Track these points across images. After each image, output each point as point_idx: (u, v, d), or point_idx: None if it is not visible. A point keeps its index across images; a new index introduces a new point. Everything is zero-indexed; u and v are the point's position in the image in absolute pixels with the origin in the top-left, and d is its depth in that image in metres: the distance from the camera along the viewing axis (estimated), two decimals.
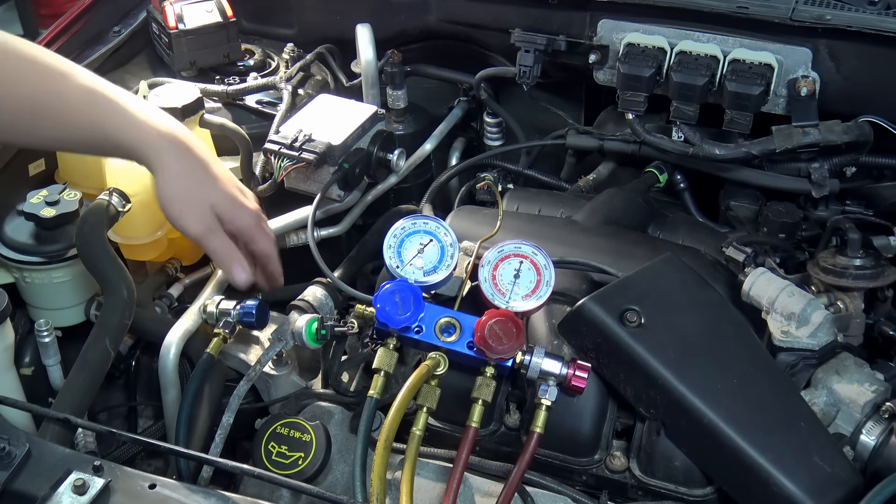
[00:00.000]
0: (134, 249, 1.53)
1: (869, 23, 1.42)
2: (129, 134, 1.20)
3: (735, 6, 1.49)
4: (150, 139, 1.20)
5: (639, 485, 1.23)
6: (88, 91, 1.20)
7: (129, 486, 1.03)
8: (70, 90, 1.19)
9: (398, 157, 1.61)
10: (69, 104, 1.19)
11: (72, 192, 1.46)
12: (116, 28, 1.86)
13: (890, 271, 1.31)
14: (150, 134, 1.20)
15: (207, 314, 1.40)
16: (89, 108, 1.19)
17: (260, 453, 1.22)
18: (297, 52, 1.91)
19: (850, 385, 1.20)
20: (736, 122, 1.48)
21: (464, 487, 1.20)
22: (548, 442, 1.22)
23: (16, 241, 1.43)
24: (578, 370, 1.17)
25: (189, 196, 1.21)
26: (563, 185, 1.78)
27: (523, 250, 1.23)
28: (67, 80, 1.19)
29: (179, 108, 1.51)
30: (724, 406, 1.14)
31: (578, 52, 1.63)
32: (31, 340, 1.44)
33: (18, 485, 1.03)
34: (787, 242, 1.49)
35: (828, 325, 1.24)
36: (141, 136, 1.20)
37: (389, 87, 1.84)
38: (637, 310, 1.21)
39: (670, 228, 1.55)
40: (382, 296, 1.19)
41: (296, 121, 1.56)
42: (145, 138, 1.20)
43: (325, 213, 1.62)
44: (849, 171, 1.52)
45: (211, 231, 1.23)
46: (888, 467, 1.13)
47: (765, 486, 1.10)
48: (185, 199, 1.21)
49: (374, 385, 1.20)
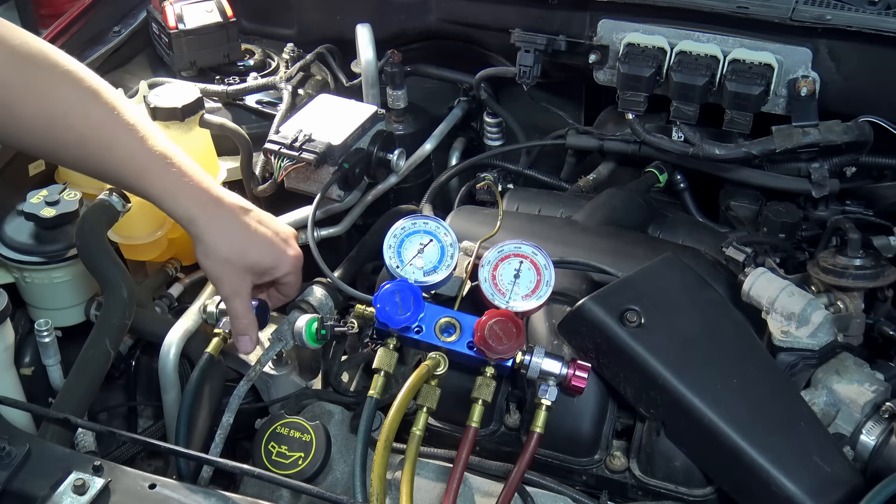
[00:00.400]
0: (134, 249, 1.53)
1: (869, 23, 1.42)
2: (166, 193, 1.20)
3: (735, 6, 1.49)
4: (186, 203, 1.20)
5: (639, 485, 1.23)
6: (135, 153, 1.18)
7: (129, 486, 1.03)
8: (116, 146, 1.18)
9: (398, 157, 1.61)
10: (114, 161, 1.19)
11: (72, 192, 1.46)
12: (116, 28, 1.86)
13: (890, 271, 1.31)
14: (187, 198, 1.20)
15: (207, 314, 1.39)
16: (134, 168, 1.19)
17: (260, 453, 1.22)
18: (297, 52, 1.92)
19: (850, 385, 1.20)
20: (736, 122, 1.48)
21: (464, 487, 1.20)
22: (548, 442, 1.22)
23: (16, 241, 1.43)
24: (578, 370, 1.17)
25: (222, 262, 1.23)
26: (563, 185, 1.78)
27: (523, 250, 1.23)
28: (115, 136, 1.18)
29: (179, 108, 1.51)
30: (724, 406, 1.14)
31: (578, 52, 1.63)
32: (31, 340, 1.44)
33: (18, 485, 1.03)
34: (787, 242, 1.49)
35: (828, 325, 1.24)
36: (178, 197, 1.20)
37: (389, 87, 1.84)
38: (637, 310, 1.21)
39: (670, 228, 1.55)
40: (382, 296, 1.19)
41: (296, 121, 1.56)
42: (181, 201, 1.20)
43: (325, 213, 1.62)
44: (849, 171, 1.52)
45: (237, 295, 1.26)
46: (888, 467, 1.13)
47: (765, 486, 1.10)
48: (219, 266, 1.23)
49: (374, 385, 1.20)
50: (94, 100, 1.16)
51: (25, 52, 1.13)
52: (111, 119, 1.17)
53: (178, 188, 1.20)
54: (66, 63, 1.16)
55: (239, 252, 1.23)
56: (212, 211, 1.22)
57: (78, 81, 1.16)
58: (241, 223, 1.24)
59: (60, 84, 1.15)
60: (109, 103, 1.17)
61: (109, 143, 1.17)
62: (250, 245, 1.24)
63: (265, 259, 1.26)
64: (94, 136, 1.17)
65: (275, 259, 1.27)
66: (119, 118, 1.17)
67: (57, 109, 1.15)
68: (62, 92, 1.15)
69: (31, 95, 1.13)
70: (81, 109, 1.16)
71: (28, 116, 1.14)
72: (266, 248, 1.26)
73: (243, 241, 1.24)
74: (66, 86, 1.15)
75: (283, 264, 1.28)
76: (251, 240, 1.25)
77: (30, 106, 1.13)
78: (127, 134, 1.17)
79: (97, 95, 1.17)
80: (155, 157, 1.19)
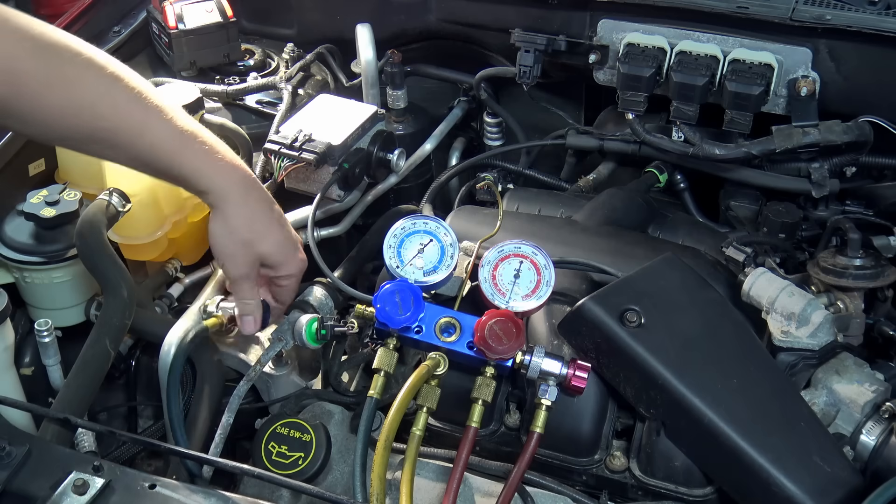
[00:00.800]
0: (134, 249, 1.53)
1: (869, 23, 1.42)
2: (199, 171, 1.21)
3: (735, 6, 1.49)
4: (218, 179, 1.21)
5: (639, 485, 1.23)
6: (166, 135, 1.19)
7: (129, 486, 1.03)
8: (147, 131, 1.18)
9: (398, 157, 1.61)
10: (145, 145, 1.19)
11: (72, 192, 1.46)
12: (116, 28, 1.86)
13: (890, 271, 1.31)
14: (220, 174, 1.22)
15: (207, 314, 1.39)
16: (166, 150, 1.19)
17: (260, 453, 1.22)
18: (297, 52, 1.92)
19: (850, 385, 1.20)
20: (736, 122, 1.48)
21: (464, 487, 1.20)
22: (548, 442, 1.22)
23: (16, 241, 1.43)
24: (578, 370, 1.17)
25: (239, 242, 1.25)
26: (563, 185, 1.78)
27: (523, 250, 1.23)
28: (145, 120, 1.18)
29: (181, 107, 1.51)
30: (724, 406, 1.14)
31: (578, 52, 1.63)
32: (31, 340, 1.44)
33: (18, 485, 1.03)
34: (787, 242, 1.49)
35: (828, 325, 1.24)
36: (210, 173, 1.21)
37: (389, 87, 1.84)
38: (637, 310, 1.21)
39: (670, 228, 1.55)
40: (382, 296, 1.19)
41: (296, 121, 1.56)
42: (214, 177, 1.21)
43: (325, 213, 1.62)
44: (849, 171, 1.52)
45: (246, 279, 1.28)
46: (888, 467, 1.13)
47: (765, 487, 1.10)
48: (235, 245, 1.25)
49: (374, 385, 1.20)
50: (120, 86, 1.16)
51: (48, 43, 1.13)
52: (139, 104, 1.17)
53: (212, 164, 1.21)
54: (88, 51, 1.16)
55: (257, 237, 1.25)
56: (243, 190, 1.23)
57: (101, 68, 1.16)
58: (266, 211, 1.27)
59: (85, 73, 1.14)
60: (135, 88, 1.18)
61: (140, 128, 1.17)
62: (268, 235, 1.27)
63: (277, 253, 1.28)
64: (125, 123, 1.17)
65: (284, 256, 1.29)
66: (147, 102, 1.18)
67: (84, 99, 1.14)
68: (88, 81, 1.14)
69: (57, 86, 1.13)
70: (109, 97, 1.16)
71: (56, 106, 1.14)
72: (280, 243, 1.29)
73: (263, 228, 1.26)
74: (91, 74, 1.15)
75: (290, 264, 1.31)
76: (270, 230, 1.27)
77: (57, 96, 1.13)
78: (156, 117, 1.18)
79: (122, 81, 1.17)
80: (186, 137, 1.19)
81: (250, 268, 1.27)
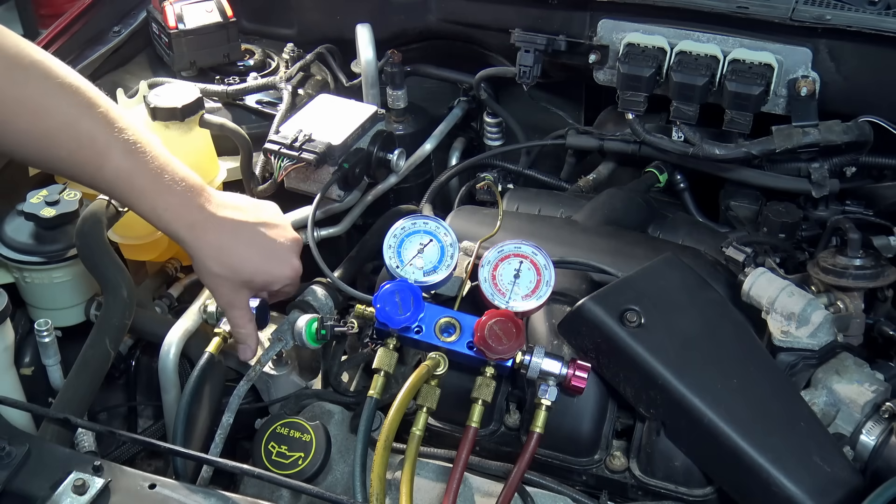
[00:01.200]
0: (134, 249, 1.53)
1: (869, 23, 1.42)
2: (154, 213, 1.20)
3: (735, 6, 1.49)
4: (179, 228, 1.21)
5: (639, 485, 1.23)
6: (125, 172, 1.17)
7: (129, 486, 1.03)
8: (106, 164, 1.16)
9: (398, 157, 1.61)
10: (104, 178, 1.18)
11: (72, 192, 1.46)
12: (116, 28, 1.86)
13: (890, 271, 1.31)
14: (181, 221, 1.20)
15: (207, 314, 1.39)
16: (124, 186, 1.18)
17: (260, 453, 1.22)
18: (297, 52, 1.91)
19: (850, 385, 1.20)
20: (736, 122, 1.48)
21: (464, 487, 1.20)
22: (548, 442, 1.22)
23: (16, 241, 1.43)
24: (578, 370, 1.17)
25: (218, 276, 1.24)
26: (563, 185, 1.78)
27: (523, 250, 1.23)
28: (105, 153, 1.16)
29: (179, 108, 1.51)
30: (724, 406, 1.14)
31: (578, 52, 1.63)
32: (31, 340, 1.44)
33: (18, 485, 1.02)
34: (787, 242, 1.49)
35: (828, 325, 1.24)
36: (166, 218, 1.20)
37: (389, 87, 1.84)
38: (637, 310, 1.21)
39: (670, 228, 1.55)
40: (382, 296, 1.19)
41: (296, 121, 1.56)
42: (175, 225, 1.21)
43: (325, 213, 1.62)
44: (849, 171, 1.52)
45: (232, 307, 1.27)
46: (888, 467, 1.13)
47: (765, 487, 1.10)
48: (211, 278, 1.25)
49: (374, 385, 1.20)
50: (87, 115, 1.15)
51: (21, 63, 1.11)
52: (102, 136, 1.15)
53: (166, 207, 1.19)
54: (61, 75, 1.14)
55: (230, 269, 1.24)
56: (200, 229, 1.21)
57: (72, 95, 1.14)
58: (234, 240, 1.23)
59: (54, 98, 1.13)
60: (102, 118, 1.15)
61: (99, 161, 1.15)
62: (243, 262, 1.24)
63: (258, 277, 1.26)
64: (85, 154, 1.15)
65: (269, 276, 1.28)
66: (110, 135, 1.15)
67: (49, 126, 1.13)
68: (55, 107, 1.13)
69: (24, 111, 1.12)
70: (73, 126, 1.14)
71: (21, 131, 1.13)
72: (260, 266, 1.26)
73: (235, 258, 1.24)
74: (59, 100, 1.13)
75: (279, 280, 1.29)
76: (244, 257, 1.24)
77: (23, 121, 1.12)
78: (117, 151, 1.16)
79: (90, 110, 1.15)
80: (145, 175, 1.17)
81: (235, 297, 1.26)
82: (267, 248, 1.27)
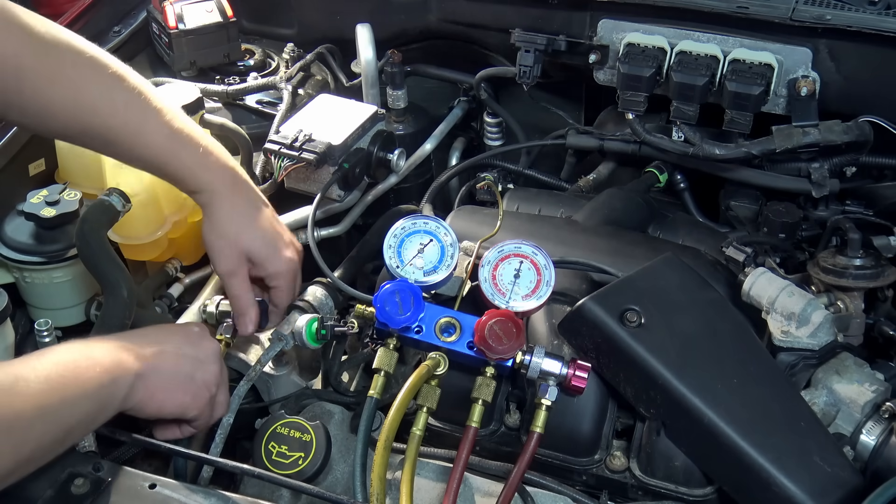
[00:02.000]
0: (134, 249, 1.53)
1: (869, 23, 1.42)
2: (190, 171, 1.25)
3: (735, 6, 1.49)
4: (207, 179, 1.26)
5: (639, 485, 1.23)
6: (163, 137, 1.23)
7: (129, 486, 1.03)
8: (144, 131, 1.21)
9: (398, 157, 1.61)
10: (142, 145, 1.23)
11: (72, 192, 1.46)
12: (116, 28, 1.86)
13: (890, 271, 1.32)
14: (209, 174, 1.26)
15: (207, 314, 1.39)
16: (162, 151, 1.24)
17: (260, 453, 1.22)
18: (297, 52, 1.92)
19: (850, 385, 1.20)
20: (736, 122, 1.48)
21: (464, 487, 1.20)
22: (548, 442, 1.22)
23: (16, 241, 1.43)
24: (578, 370, 1.17)
25: (226, 238, 1.29)
26: (563, 185, 1.79)
27: (523, 250, 1.23)
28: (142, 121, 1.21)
29: (179, 108, 1.51)
30: (724, 406, 1.14)
31: (578, 52, 1.63)
32: (31, 340, 1.44)
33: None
34: (787, 242, 1.49)
35: (828, 325, 1.24)
36: (201, 174, 1.26)
37: (389, 87, 1.84)
38: (637, 310, 1.21)
39: (670, 228, 1.55)
40: (382, 296, 1.19)
41: (296, 121, 1.56)
42: (203, 177, 1.26)
43: (325, 213, 1.62)
44: (849, 171, 1.53)
45: (233, 275, 1.30)
46: (888, 467, 1.13)
47: (765, 487, 1.10)
48: (222, 240, 1.29)
49: (374, 385, 1.20)
50: (121, 85, 1.20)
51: (51, 40, 1.16)
52: (138, 105, 1.21)
53: (204, 165, 1.25)
54: (91, 50, 1.20)
55: (240, 231, 1.29)
56: (230, 188, 1.28)
57: (103, 67, 1.20)
58: (251, 209, 1.30)
59: (87, 70, 1.18)
60: (135, 88, 1.21)
61: (137, 129, 1.21)
62: (250, 230, 1.30)
63: (259, 248, 1.30)
64: (122, 123, 1.21)
65: (268, 253, 1.31)
66: (146, 103, 1.22)
67: (85, 98, 1.18)
68: (89, 80, 1.18)
69: (59, 84, 1.16)
70: (109, 97, 1.20)
71: (56, 101, 1.17)
72: (263, 238, 1.31)
73: (246, 223, 1.29)
74: (92, 72, 1.19)
75: (274, 261, 1.32)
76: (253, 227, 1.30)
77: (59, 94, 1.17)
78: (153, 118, 1.22)
79: (123, 80, 1.21)
80: (181, 138, 1.24)
81: (237, 263, 1.30)
82: (272, 228, 1.33)
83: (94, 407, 1.01)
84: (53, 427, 0.96)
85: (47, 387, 0.95)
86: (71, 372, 0.99)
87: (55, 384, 0.96)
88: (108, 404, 1.03)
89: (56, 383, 0.96)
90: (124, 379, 1.05)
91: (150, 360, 1.09)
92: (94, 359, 1.02)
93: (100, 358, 1.03)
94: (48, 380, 0.96)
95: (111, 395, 1.03)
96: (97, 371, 1.01)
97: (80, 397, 0.99)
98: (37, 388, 0.94)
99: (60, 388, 0.97)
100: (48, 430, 0.96)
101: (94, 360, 1.02)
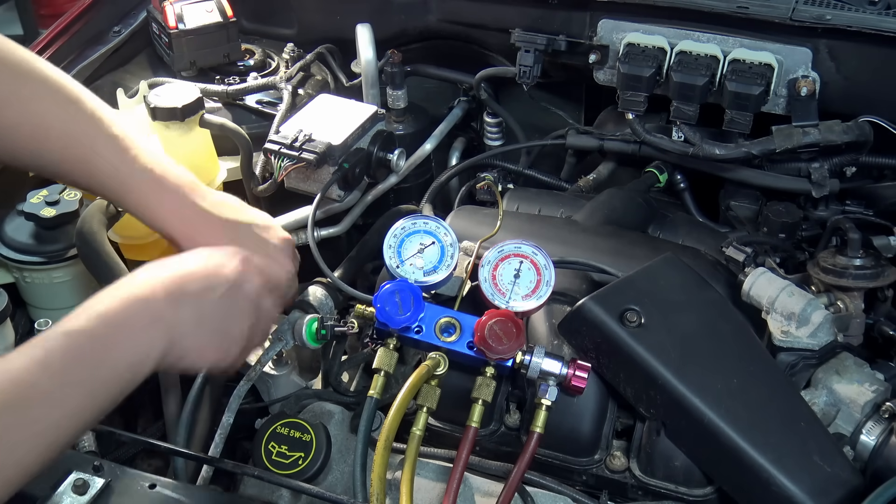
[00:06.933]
0: (134, 249, 1.53)
1: (869, 23, 1.42)
2: (150, 218, 1.19)
3: (735, 6, 1.49)
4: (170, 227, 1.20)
5: (639, 485, 1.23)
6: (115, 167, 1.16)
7: (129, 486, 1.03)
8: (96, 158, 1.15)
9: (398, 157, 1.61)
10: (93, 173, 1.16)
11: (72, 192, 1.46)
12: (116, 28, 1.86)
13: (890, 271, 1.31)
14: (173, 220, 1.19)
15: None
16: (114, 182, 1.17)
17: (260, 453, 1.22)
18: (297, 52, 1.91)
19: (850, 385, 1.20)
20: (736, 122, 1.48)
21: (464, 487, 1.20)
22: (548, 442, 1.22)
23: (16, 241, 1.43)
24: (578, 370, 1.17)
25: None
26: (563, 185, 1.78)
27: (523, 250, 1.23)
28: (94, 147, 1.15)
29: (179, 108, 1.51)
30: (724, 406, 1.14)
31: (578, 52, 1.63)
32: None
33: None
34: (787, 242, 1.49)
35: (828, 325, 1.24)
36: (162, 219, 1.19)
37: (389, 87, 1.84)
38: (637, 310, 1.21)
39: (670, 228, 1.55)
40: (382, 296, 1.19)
41: (296, 121, 1.56)
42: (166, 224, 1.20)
43: (325, 213, 1.62)
44: (849, 171, 1.52)
45: None
46: (888, 467, 1.13)
47: (765, 486, 1.10)
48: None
49: (374, 385, 1.20)
50: (76, 109, 1.15)
51: (7, 60, 1.12)
52: (91, 130, 1.15)
53: (160, 203, 1.18)
54: (48, 71, 1.15)
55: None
56: (193, 226, 1.20)
57: (59, 90, 1.14)
58: (227, 238, 1.21)
59: (42, 92, 1.13)
60: (90, 113, 1.15)
61: (88, 155, 1.15)
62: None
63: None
64: (74, 147, 1.15)
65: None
66: (100, 129, 1.15)
67: (38, 117, 1.13)
68: (44, 100, 1.13)
69: (13, 101, 1.12)
70: (62, 118, 1.14)
71: (10, 124, 1.12)
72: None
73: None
74: (48, 94, 1.13)
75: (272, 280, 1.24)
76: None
77: (12, 112, 1.12)
78: (106, 146, 1.15)
79: (78, 105, 1.15)
80: (135, 171, 1.16)
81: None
82: (259, 248, 1.24)
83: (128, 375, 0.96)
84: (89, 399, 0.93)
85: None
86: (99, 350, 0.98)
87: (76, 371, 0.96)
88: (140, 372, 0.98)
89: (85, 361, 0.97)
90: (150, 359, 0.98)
91: (179, 328, 0.99)
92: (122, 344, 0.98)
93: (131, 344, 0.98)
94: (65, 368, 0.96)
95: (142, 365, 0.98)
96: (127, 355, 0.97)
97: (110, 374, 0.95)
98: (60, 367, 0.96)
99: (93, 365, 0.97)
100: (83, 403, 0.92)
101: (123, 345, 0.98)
